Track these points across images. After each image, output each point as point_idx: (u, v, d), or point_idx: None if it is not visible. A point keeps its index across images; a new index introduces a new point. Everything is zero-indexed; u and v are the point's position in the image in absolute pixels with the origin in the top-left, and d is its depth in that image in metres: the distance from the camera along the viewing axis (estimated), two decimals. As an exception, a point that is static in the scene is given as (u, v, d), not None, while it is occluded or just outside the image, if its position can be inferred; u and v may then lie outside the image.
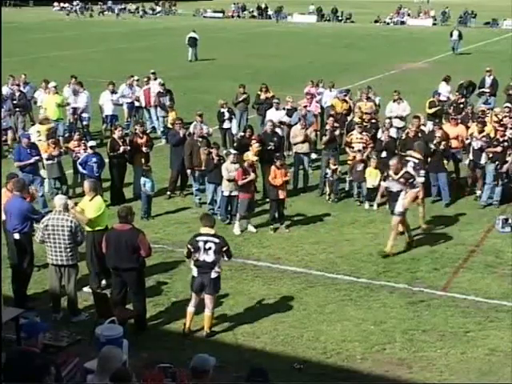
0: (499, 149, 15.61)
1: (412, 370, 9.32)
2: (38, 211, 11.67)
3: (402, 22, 69.90)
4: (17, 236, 10.81)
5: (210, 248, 9.79)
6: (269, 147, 15.64)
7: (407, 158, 14.51)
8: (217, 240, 9.89)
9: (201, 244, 9.83)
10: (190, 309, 10.12)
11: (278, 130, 17.67)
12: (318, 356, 9.64)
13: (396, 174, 13.32)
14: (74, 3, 79.74)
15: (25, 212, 10.76)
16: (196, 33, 41.46)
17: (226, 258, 10.12)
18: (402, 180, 13.17)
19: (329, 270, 12.40)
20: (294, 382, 8.98)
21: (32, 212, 10.94)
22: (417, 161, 14.14)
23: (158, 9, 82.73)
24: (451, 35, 45.29)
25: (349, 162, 16.46)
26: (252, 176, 14.06)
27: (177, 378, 8.06)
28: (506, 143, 15.73)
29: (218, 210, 14.88)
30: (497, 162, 15.60)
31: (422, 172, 14.08)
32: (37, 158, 14.79)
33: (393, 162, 13.57)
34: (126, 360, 8.05)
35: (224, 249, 9.94)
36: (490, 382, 9.06)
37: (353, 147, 16.29)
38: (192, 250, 9.87)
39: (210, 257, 9.81)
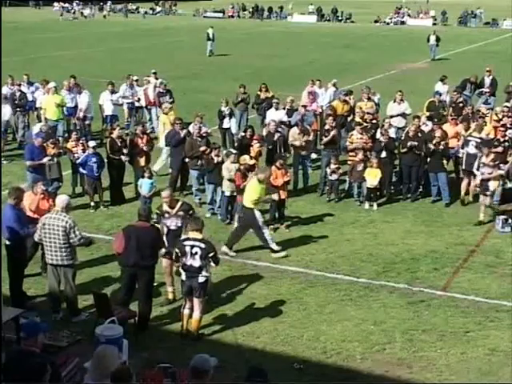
0: (500, 149, 15.62)
1: (412, 370, 9.31)
2: (24, 224, 10.78)
3: (402, 22, 69.96)
4: (6, 241, 10.76)
5: (196, 253, 9.67)
6: (270, 146, 15.63)
7: (468, 138, 15.21)
8: (203, 245, 9.74)
9: (187, 248, 9.72)
10: (185, 311, 10.09)
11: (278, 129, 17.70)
12: (318, 356, 9.63)
13: (172, 208, 11.13)
14: (74, 3, 79.69)
15: (8, 220, 10.57)
16: (212, 29, 43.75)
17: (213, 264, 9.95)
18: (180, 213, 11.04)
19: (329, 270, 12.39)
20: (294, 381, 8.97)
21: (16, 221, 10.56)
22: (479, 140, 14.97)
23: (158, 9, 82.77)
24: (428, 40, 41.91)
25: (349, 163, 16.45)
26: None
27: (177, 378, 8.05)
28: (506, 143, 15.75)
29: (217, 209, 14.87)
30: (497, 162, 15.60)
31: (486, 150, 14.71)
32: (49, 158, 14.77)
33: (165, 193, 11.25)
34: (125, 360, 8.07)
35: (211, 255, 9.76)
36: (490, 382, 9.05)
37: (354, 150, 16.20)
38: (179, 254, 9.80)
39: (196, 261, 9.69)
